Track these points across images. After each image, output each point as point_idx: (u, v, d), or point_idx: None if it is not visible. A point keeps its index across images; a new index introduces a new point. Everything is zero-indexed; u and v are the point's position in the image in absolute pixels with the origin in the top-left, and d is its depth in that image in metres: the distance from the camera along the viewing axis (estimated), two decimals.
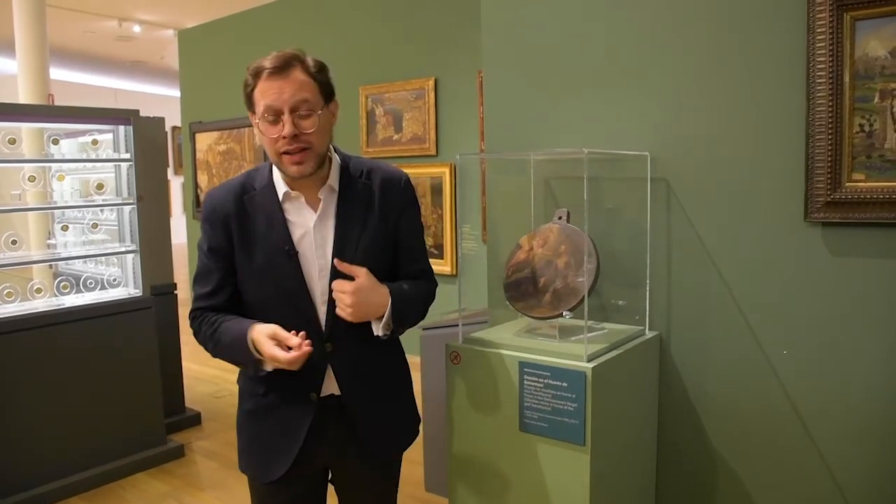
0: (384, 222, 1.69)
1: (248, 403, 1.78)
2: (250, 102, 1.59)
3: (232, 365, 1.71)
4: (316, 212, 1.65)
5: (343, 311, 1.57)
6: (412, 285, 1.73)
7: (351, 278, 1.59)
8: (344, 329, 1.63)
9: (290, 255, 1.62)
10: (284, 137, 1.53)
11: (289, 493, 1.77)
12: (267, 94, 1.53)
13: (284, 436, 1.70)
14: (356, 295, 1.56)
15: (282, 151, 1.56)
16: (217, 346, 1.65)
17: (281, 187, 1.66)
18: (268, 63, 1.54)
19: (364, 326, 1.65)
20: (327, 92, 1.61)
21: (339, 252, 1.62)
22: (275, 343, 1.53)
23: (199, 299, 1.71)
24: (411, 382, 1.90)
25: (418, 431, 1.91)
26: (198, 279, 1.72)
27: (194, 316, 1.71)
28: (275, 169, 1.67)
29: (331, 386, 1.69)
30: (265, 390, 1.71)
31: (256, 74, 1.55)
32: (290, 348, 1.51)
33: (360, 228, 1.65)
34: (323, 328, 1.65)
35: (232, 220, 1.65)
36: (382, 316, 1.62)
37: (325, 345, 1.65)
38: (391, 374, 1.82)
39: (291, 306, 1.63)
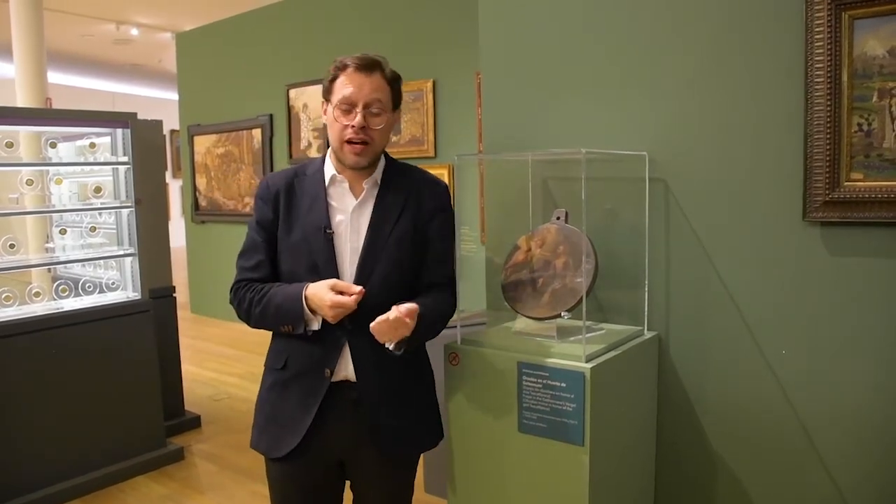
0: (418, 220, 1.79)
1: (268, 379, 1.84)
2: (328, 91, 1.74)
3: (269, 330, 1.80)
4: (357, 199, 1.77)
5: (381, 333, 1.64)
6: (436, 304, 1.79)
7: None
8: (367, 310, 1.67)
9: (326, 234, 1.73)
10: (353, 127, 1.68)
11: (303, 480, 1.81)
12: (348, 86, 1.69)
13: (297, 409, 1.76)
14: (396, 324, 1.62)
15: (346, 139, 1.70)
16: (265, 308, 1.74)
17: (329, 172, 1.79)
18: (354, 60, 1.70)
19: (386, 311, 1.69)
20: (396, 100, 1.77)
21: (372, 237, 1.73)
22: (336, 293, 1.64)
23: (243, 271, 1.81)
24: (433, 384, 1.93)
25: (438, 439, 1.93)
26: (243, 254, 1.83)
27: (239, 286, 1.80)
28: (327, 159, 1.81)
29: (346, 369, 1.74)
30: (284, 364, 1.79)
31: (342, 67, 1.71)
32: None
33: (394, 219, 1.76)
34: None
35: (281, 197, 1.79)
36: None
37: (345, 321, 1.70)
38: (410, 369, 1.84)
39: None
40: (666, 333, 2.17)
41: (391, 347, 1.68)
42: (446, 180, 5.21)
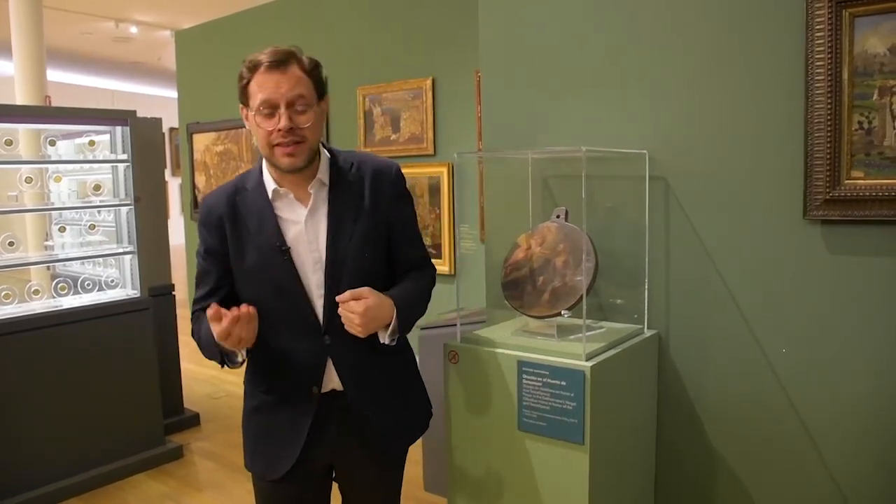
0: (377, 212, 1.70)
1: (252, 402, 1.78)
2: (245, 95, 1.62)
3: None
4: (306, 206, 1.66)
5: (353, 330, 1.59)
6: (413, 282, 1.76)
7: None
8: (342, 322, 1.62)
9: (282, 251, 1.63)
10: (280, 130, 1.55)
11: (294, 491, 1.77)
12: (264, 87, 1.55)
13: (288, 431, 1.70)
14: (365, 315, 1.57)
15: (274, 143, 1.58)
16: (199, 342, 1.67)
17: (270, 185, 1.67)
18: (265, 57, 1.56)
19: None
20: (320, 89, 1.64)
21: (333, 243, 1.64)
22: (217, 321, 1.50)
23: (196, 302, 1.73)
24: (418, 373, 1.90)
25: (428, 424, 1.91)
26: (197, 283, 1.74)
27: (192, 319, 1.74)
28: (265, 168, 1.69)
29: (332, 381, 1.69)
30: (267, 388, 1.73)
31: (253, 68, 1.58)
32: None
33: (352, 219, 1.66)
34: (321, 321, 1.66)
35: (225, 222, 1.67)
36: (388, 324, 1.64)
37: (324, 338, 1.66)
38: (394, 367, 1.81)
39: (287, 302, 1.64)
40: (666, 332, 2.16)
41: (385, 341, 1.65)
42: (446, 178, 5.22)
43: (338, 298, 1.58)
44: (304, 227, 1.65)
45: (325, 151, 1.72)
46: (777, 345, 1.98)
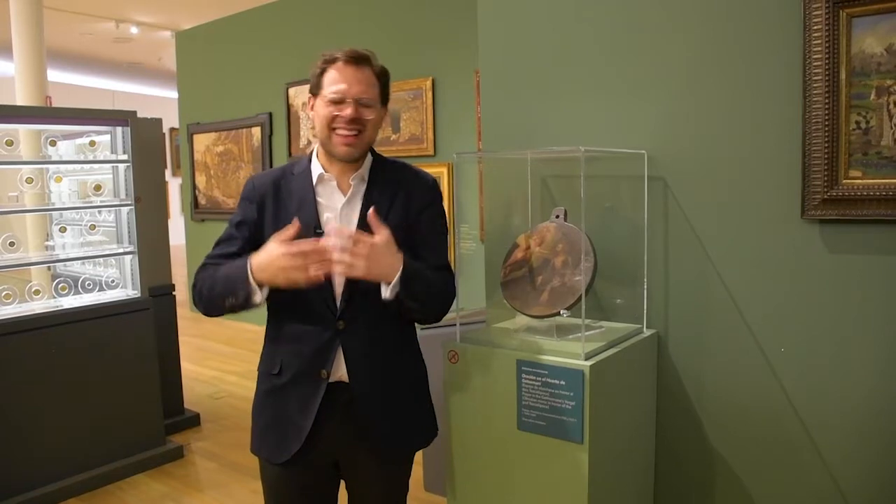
0: (407, 214, 1.77)
1: (264, 385, 1.83)
2: (317, 85, 1.72)
3: (214, 310, 1.72)
4: (345, 196, 1.75)
5: (355, 263, 1.57)
6: (431, 271, 1.76)
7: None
8: (358, 309, 1.68)
9: (316, 233, 1.70)
10: (343, 117, 1.67)
11: (300, 481, 1.80)
12: (339, 79, 1.67)
13: (296, 413, 1.75)
14: (373, 248, 1.57)
15: (334, 127, 1.68)
16: (213, 282, 1.69)
17: (317, 170, 1.77)
18: (344, 54, 1.69)
19: (378, 310, 1.68)
20: (384, 96, 1.76)
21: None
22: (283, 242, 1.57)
23: (211, 258, 1.77)
24: (427, 382, 1.91)
25: (430, 440, 1.91)
26: (219, 243, 1.80)
27: (205, 266, 1.76)
28: (314, 157, 1.79)
29: (341, 369, 1.73)
30: (280, 370, 1.77)
31: (331, 60, 1.70)
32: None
33: (384, 215, 1.72)
34: (337, 306, 1.71)
35: (267, 199, 1.77)
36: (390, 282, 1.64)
37: (338, 322, 1.70)
38: (403, 367, 1.83)
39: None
40: (665, 331, 2.17)
41: (386, 295, 1.62)
42: (445, 179, 5.23)
43: (350, 235, 1.57)
44: (339, 214, 1.75)
45: (371, 154, 1.81)
46: (775, 344, 1.98)
